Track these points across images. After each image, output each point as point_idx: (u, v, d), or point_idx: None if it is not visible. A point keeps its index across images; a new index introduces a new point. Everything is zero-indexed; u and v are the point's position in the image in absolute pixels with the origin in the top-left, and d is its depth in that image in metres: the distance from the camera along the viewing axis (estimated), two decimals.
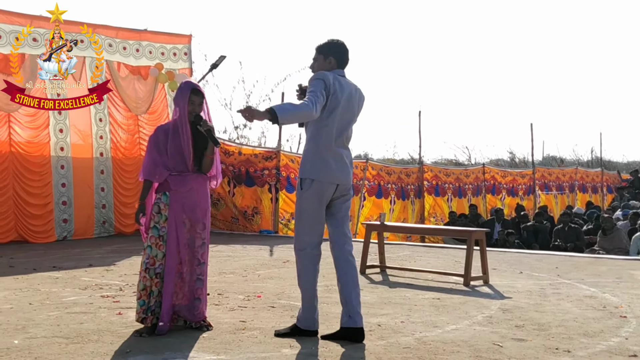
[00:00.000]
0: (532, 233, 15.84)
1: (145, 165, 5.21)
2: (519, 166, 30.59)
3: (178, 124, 5.18)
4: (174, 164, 5.15)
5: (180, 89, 5.23)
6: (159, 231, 5.12)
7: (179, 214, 5.13)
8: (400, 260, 9.69)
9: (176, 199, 5.14)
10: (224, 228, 14.83)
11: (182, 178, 5.16)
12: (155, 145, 5.21)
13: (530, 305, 6.26)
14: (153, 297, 5.06)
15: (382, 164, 18.86)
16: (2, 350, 4.50)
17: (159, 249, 5.11)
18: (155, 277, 5.08)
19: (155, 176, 5.16)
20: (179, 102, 5.19)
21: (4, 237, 12.00)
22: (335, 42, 5.03)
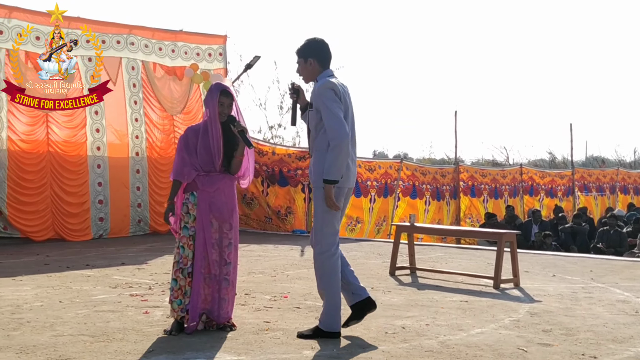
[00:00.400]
0: (570, 235, 15.59)
1: (175, 165, 5.28)
2: (559, 167, 30.14)
3: (208, 125, 5.22)
4: (203, 164, 5.20)
5: (210, 91, 5.27)
6: (188, 231, 5.18)
7: (206, 214, 5.17)
8: (432, 262, 9.61)
9: (203, 198, 5.18)
10: (258, 227, 14.89)
11: (210, 178, 5.21)
12: (185, 145, 5.27)
13: (560, 310, 6.15)
14: (187, 297, 5.12)
15: (417, 164, 18.74)
16: (29, 348, 4.57)
17: (189, 248, 5.17)
18: (187, 277, 5.14)
19: (184, 176, 5.21)
20: (208, 104, 5.23)
21: (42, 235, 12.22)
22: (313, 42, 5.07)
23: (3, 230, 11.96)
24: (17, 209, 12.00)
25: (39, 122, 12.25)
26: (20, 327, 5.20)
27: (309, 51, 5.04)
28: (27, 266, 8.86)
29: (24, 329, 5.12)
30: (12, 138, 11.97)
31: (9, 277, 7.84)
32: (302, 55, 5.06)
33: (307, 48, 5.05)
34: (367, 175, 15.52)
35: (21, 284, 7.38)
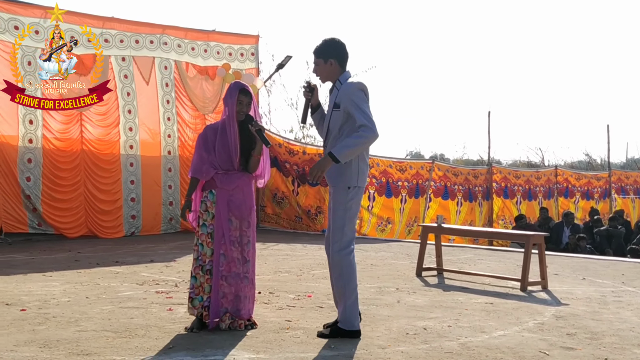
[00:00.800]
0: (605, 238, 15.34)
1: (193, 162, 5.33)
2: (596, 169, 29.65)
3: (226, 123, 5.25)
4: (221, 162, 5.24)
5: (229, 90, 5.30)
6: (207, 229, 5.22)
7: (224, 211, 5.19)
8: (460, 263, 9.53)
9: (222, 196, 5.22)
10: (288, 227, 14.93)
11: (228, 176, 5.23)
12: (204, 143, 5.31)
13: (587, 313, 6.05)
14: (206, 294, 5.16)
15: (449, 165, 18.61)
16: (52, 342, 4.64)
17: (208, 246, 5.21)
18: (206, 274, 5.18)
19: (202, 174, 5.25)
20: (227, 102, 5.27)
21: (75, 232, 12.42)
22: (333, 42, 5.06)
23: (38, 227, 12.19)
24: (51, 206, 12.22)
25: (73, 120, 12.46)
26: (46, 321, 5.29)
27: (330, 51, 5.03)
28: (58, 262, 9.00)
29: (49, 324, 5.20)
30: (47, 136, 12.19)
31: (40, 272, 7.99)
32: (323, 56, 5.04)
33: (328, 48, 5.04)
34: (398, 176, 15.47)
35: (51, 279, 7.51)
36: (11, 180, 11.78)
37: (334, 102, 4.98)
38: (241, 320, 5.19)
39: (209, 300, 5.16)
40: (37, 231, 12.14)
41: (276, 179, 15.11)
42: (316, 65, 5.10)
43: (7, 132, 11.76)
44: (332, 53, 5.02)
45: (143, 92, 13.39)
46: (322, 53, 5.04)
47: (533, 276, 7.65)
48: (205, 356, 4.38)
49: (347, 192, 4.97)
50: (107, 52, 12.78)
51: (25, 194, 11.93)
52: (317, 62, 5.08)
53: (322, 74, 5.10)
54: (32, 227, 12.11)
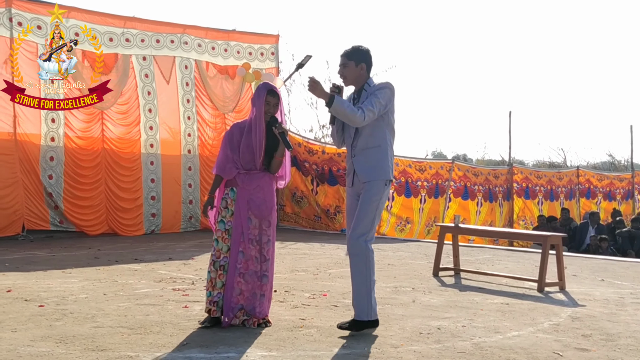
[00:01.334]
0: (627, 239, 15.17)
1: (218, 160, 5.38)
2: (620, 169, 29.35)
3: (253, 123, 5.30)
4: (244, 162, 5.29)
5: (258, 90, 5.36)
6: (225, 225, 5.27)
7: (244, 210, 5.25)
8: (478, 264, 9.50)
9: (242, 195, 5.27)
10: (307, 226, 14.97)
11: (250, 176, 5.29)
12: (229, 142, 5.37)
13: (604, 315, 6.01)
14: (217, 289, 5.21)
15: (469, 165, 18.53)
16: (68, 338, 4.70)
17: (224, 242, 5.26)
18: (219, 270, 5.23)
19: (225, 172, 5.31)
20: (255, 102, 5.32)
21: (96, 230, 12.56)
22: (364, 49, 5.25)
23: (59, 224, 12.33)
24: (72, 204, 12.36)
25: (94, 119, 12.59)
26: (63, 317, 5.36)
27: (362, 56, 5.22)
28: (78, 259, 9.11)
29: (66, 320, 5.27)
30: (69, 135, 12.32)
31: (60, 269, 8.09)
32: (355, 59, 5.20)
33: (360, 53, 5.22)
34: (418, 176, 15.44)
35: (70, 276, 7.60)
36: (33, 178, 11.93)
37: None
38: (255, 319, 5.22)
39: (219, 296, 5.21)
40: (58, 228, 12.29)
41: (295, 179, 15.15)
42: (345, 67, 5.24)
43: (30, 130, 11.91)
44: (364, 58, 5.23)
45: (163, 91, 13.50)
46: (354, 56, 5.22)
47: (551, 277, 7.62)
48: (218, 353, 4.42)
49: (384, 186, 5.15)
50: (128, 52, 12.90)
51: (48, 192, 12.07)
52: (348, 65, 5.22)
53: (350, 76, 5.24)
54: (54, 225, 12.26)
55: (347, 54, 5.23)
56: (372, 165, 5.10)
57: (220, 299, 5.21)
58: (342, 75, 5.28)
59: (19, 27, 11.58)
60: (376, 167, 5.10)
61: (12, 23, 11.57)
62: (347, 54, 5.23)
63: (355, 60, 5.20)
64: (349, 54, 5.22)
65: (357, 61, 5.20)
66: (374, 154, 5.12)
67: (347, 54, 5.23)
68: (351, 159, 5.23)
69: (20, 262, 8.69)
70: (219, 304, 5.21)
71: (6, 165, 11.59)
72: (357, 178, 5.16)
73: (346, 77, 5.26)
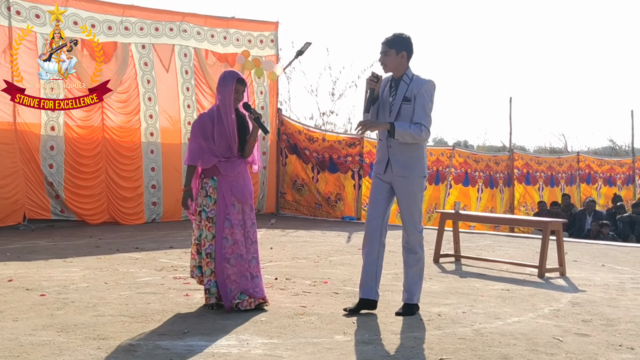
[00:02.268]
0: (628, 224, 15.17)
1: (192, 151, 5.42)
2: (621, 154, 29.30)
3: (222, 112, 5.37)
4: (221, 150, 5.37)
5: (224, 79, 5.44)
6: (207, 213, 5.36)
7: (228, 196, 5.36)
8: (479, 250, 9.51)
9: (225, 182, 5.37)
10: (308, 214, 14.98)
11: (231, 163, 5.40)
12: (201, 131, 5.42)
13: (604, 300, 6.02)
14: (206, 277, 5.35)
15: (470, 151, 18.51)
16: (70, 327, 4.72)
17: (208, 230, 5.35)
18: (206, 257, 5.35)
19: (203, 162, 5.38)
20: (222, 91, 5.39)
21: (97, 219, 12.56)
22: (406, 37, 5.28)
23: (60, 214, 12.33)
24: (73, 193, 12.35)
25: (94, 108, 12.53)
26: (65, 306, 5.37)
27: (404, 45, 5.23)
28: (79, 248, 9.12)
29: (68, 309, 5.29)
30: (69, 124, 12.29)
31: (61, 258, 8.11)
32: (396, 47, 5.21)
33: (402, 41, 5.24)
34: None
35: (71, 265, 7.61)
36: (34, 168, 11.92)
37: (404, 96, 5.20)
38: (252, 299, 5.35)
39: (209, 284, 5.34)
40: (59, 217, 12.29)
41: (296, 166, 15.15)
42: (385, 55, 5.26)
43: (30, 120, 11.88)
44: (405, 46, 5.26)
45: (163, 80, 13.46)
46: (396, 44, 5.24)
47: (551, 263, 7.62)
48: (219, 341, 4.43)
49: (422, 181, 5.36)
50: (127, 40, 12.86)
51: (48, 181, 12.07)
52: (389, 53, 5.24)
53: (390, 64, 5.27)
54: (55, 214, 12.26)
55: (388, 42, 5.25)
56: (411, 160, 5.25)
57: (211, 285, 5.35)
58: (383, 63, 5.32)
59: (17, 16, 11.53)
60: (415, 163, 5.26)
61: (10, 12, 11.51)
62: (388, 42, 5.25)
63: (397, 49, 5.21)
64: (391, 41, 5.25)
65: (399, 49, 5.21)
66: (413, 149, 5.24)
67: (389, 41, 5.25)
68: (387, 148, 5.28)
69: (21, 252, 8.70)
70: (211, 290, 5.35)
71: (6, 154, 11.57)
72: (390, 168, 5.27)
73: (386, 65, 5.29)
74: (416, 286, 5.37)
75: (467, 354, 4.21)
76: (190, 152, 5.43)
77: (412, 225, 5.34)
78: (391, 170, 5.26)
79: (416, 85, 5.17)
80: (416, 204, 5.32)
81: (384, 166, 5.30)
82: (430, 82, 5.22)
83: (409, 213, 5.31)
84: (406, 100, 5.17)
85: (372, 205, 5.42)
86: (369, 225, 5.39)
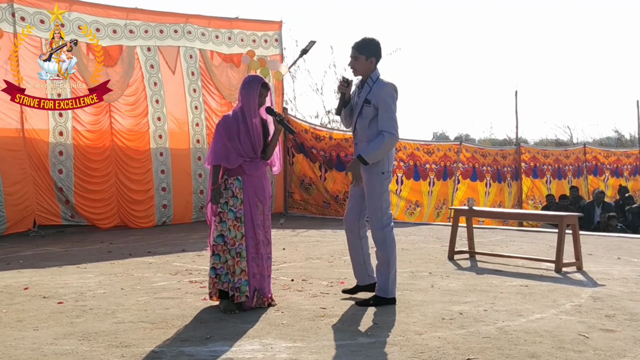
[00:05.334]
0: (637, 215, 15.13)
1: (218, 151, 5.41)
2: (626, 145, 29.20)
3: (246, 115, 5.43)
4: (246, 151, 5.42)
5: (249, 82, 5.49)
6: (235, 213, 5.39)
7: (252, 197, 5.44)
8: (492, 245, 9.47)
9: (249, 182, 5.45)
10: (316, 212, 14.94)
11: (255, 164, 5.48)
12: (226, 132, 5.43)
13: (625, 294, 5.98)
14: (236, 276, 5.37)
15: (477, 146, 18.45)
16: (91, 335, 4.69)
17: (237, 230, 5.40)
18: (236, 257, 5.38)
19: (229, 162, 5.38)
20: (247, 94, 5.43)
21: (108, 223, 12.54)
22: (375, 42, 5.49)
23: (70, 219, 12.32)
24: (84, 197, 12.34)
25: (102, 111, 12.53)
26: (84, 314, 5.35)
27: (372, 50, 5.45)
28: (91, 254, 9.09)
29: (87, 316, 5.26)
30: (77, 128, 12.27)
31: (74, 264, 8.08)
32: (365, 52, 5.44)
33: (371, 46, 5.45)
34: (426, 159, 15.38)
35: (85, 271, 7.59)
36: (43, 173, 11.91)
37: (366, 98, 5.44)
38: (265, 299, 5.50)
39: (239, 282, 5.36)
40: (70, 223, 12.28)
41: (303, 165, 15.11)
42: (355, 60, 5.47)
43: (38, 125, 11.86)
44: (374, 52, 5.48)
45: (169, 82, 13.44)
46: (365, 50, 5.45)
47: (567, 257, 7.58)
48: (243, 346, 4.40)
49: (381, 177, 5.51)
50: (132, 43, 12.83)
51: (58, 187, 12.05)
52: (358, 58, 5.46)
53: (359, 69, 5.49)
54: (65, 219, 12.24)
55: (358, 47, 5.46)
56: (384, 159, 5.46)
57: (242, 284, 5.37)
58: (353, 67, 5.53)
59: (22, 22, 11.50)
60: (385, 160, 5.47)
61: (14, 18, 11.48)
62: (358, 47, 5.46)
63: (366, 55, 5.43)
64: (360, 47, 5.45)
65: (368, 55, 5.43)
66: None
67: (359, 47, 5.46)
68: (355, 147, 5.62)
69: (34, 259, 8.68)
70: (242, 289, 5.37)
71: (15, 161, 11.56)
72: None
73: (356, 70, 5.50)
74: (384, 279, 5.54)
75: (494, 353, 4.17)
76: (215, 152, 5.42)
77: (374, 221, 5.54)
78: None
79: (377, 88, 5.40)
80: (376, 200, 5.50)
81: None
82: (390, 85, 5.40)
83: (370, 208, 5.55)
84: (367, 102, 5.41)
85: (349, 202, 5.76)
86: (346, 221, 5.76)
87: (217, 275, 5.41)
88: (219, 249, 5.40)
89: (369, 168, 5.44)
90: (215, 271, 5.42)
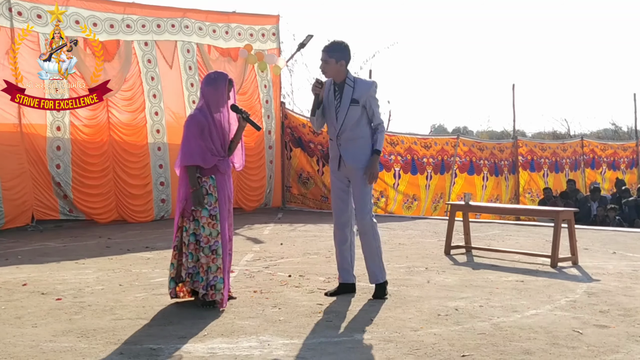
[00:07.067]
0: (634, 208, 15.20)
1: (192, 150, 5.39)
2: (623, 138, 29.25)
3: (213, 112, 5.47)
4: (217, 150, 5.48)
5: (216, 80, 5.51)
6: (209, 211, 5.42)
7: (224, 195, 5.52)
8: (488, 240, 9.51)
9: (222, 181, 5.52)
10: (314, 207, 14.98)
11: (226, 162, 5.58)
12: (200, 132, 5.42)
13: (619, 289, 6.03)
14: (212, 273, 5.41)
15: (474, 139, 18.48)
16: (89, 332, 4.73)
17: (212, 227, 5.43)
18: (211, 254, 5.42)
19: (205, 161, 5.42)
20: (214, 92, 5.45)
21: (106, 217, 12.55)
22: (345, 45, 5.69)
23: (69, 213, 12.33)
24: (82, 192, 12.32)
25: (99, 106, 12.47)
26: (82, 310, 5.38)
27: (343, 53, 5.66)
28: (89, 249, 9.12)
29: (85, 313, 5.30)
30: (75, 123, 12.25)
31: (72, 260, 8.10)
32: (335, 56, 5.65)
33: (341, 50, 5.67)
34: (424, 152, 15.41)
35: (83, 267, 7.62)
36: (41, 168, 11.91)
37: (352, 98, 5.66)
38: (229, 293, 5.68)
39: (215, 279, 5.39)
40: (68, 217, 12.30)
41: (301, 159, 15.14)
42: (326, 63, 5.69)
43: (36, 120, 11.85)
44: (344, 55, 5.66)
45: (167, 76, 13.42)
46: (335, 54, 5.67)
47: (563, 251, 7.63)
48: (240, 342, 4.44)
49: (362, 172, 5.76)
50: (130, 38, 12.82)
51: (56, 181, 12.06)
52: (329, 61, 5.68)
53: (330, 72, 5.72)
54: (63, 214, 12.25)
55: (328, 51, 5.65)
56: (360, 152, 5.71)
57: (217, 282, 5.40)
58: (323, 70, 5.72)
59: (19, 17, 11.50)
60: (363, 154, 5.72)
61: (11, 13, 11.47)
62: (328, 51, 5.65)
63: (337, 58, 5.63)
64: (330, 50, 5.64)
65: (338, 58, 5.63)
66: (361, 144, 5.72)
67: (329, 50, 5.64)
68: (337, 147, 5.77)
69: (32, 254, 8.70)
70: (217, 287, 5.39)
71: (13, 156, 11.55)
72: (343, 163, 5.73)
73: (327, 72, 5.73)
74: (377, 266, 5.80)
75: (488, 349, 4.22)
76: (190, 152, 5.38)
77: (363, 211, 5.76)
78: (344, 165, 5.73)
79: (362, 87, 5.68)
80: (363, 190, 5.75)
81: (337, 163, 5.79)
82: (374, 83, 5.77)
83: (360, 200, 5.76)
84: (354, 102, 5.64)
85: (336, 200, 5.93)
86: (338, 218, 5.93)
87: (189, 275, 5.46)
88: (192, 248, 5.45)
89: (360, 161, 5.69)
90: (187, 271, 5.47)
